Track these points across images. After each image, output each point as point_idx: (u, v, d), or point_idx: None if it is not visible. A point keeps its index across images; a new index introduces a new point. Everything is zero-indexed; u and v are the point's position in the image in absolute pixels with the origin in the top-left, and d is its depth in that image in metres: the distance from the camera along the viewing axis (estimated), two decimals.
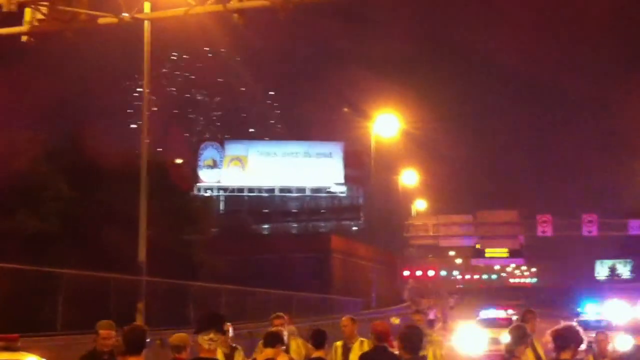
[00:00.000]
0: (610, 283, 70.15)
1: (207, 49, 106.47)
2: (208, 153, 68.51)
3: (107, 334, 7.11)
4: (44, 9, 13.04)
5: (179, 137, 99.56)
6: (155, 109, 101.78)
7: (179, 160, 47.42)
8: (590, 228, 60.01)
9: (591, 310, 38.56)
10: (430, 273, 65.34)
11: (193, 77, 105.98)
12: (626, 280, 72.29)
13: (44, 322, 17.24)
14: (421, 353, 8.60)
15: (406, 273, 65.19)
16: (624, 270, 77.74)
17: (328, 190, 70.79)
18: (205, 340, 5.01)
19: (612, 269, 79.06)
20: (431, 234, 63.78)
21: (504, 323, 25.68)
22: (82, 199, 21.22)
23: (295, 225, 71.91)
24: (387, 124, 45.81)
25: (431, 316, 35.87)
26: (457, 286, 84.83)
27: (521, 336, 6.72)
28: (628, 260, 75.93)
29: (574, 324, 6.00)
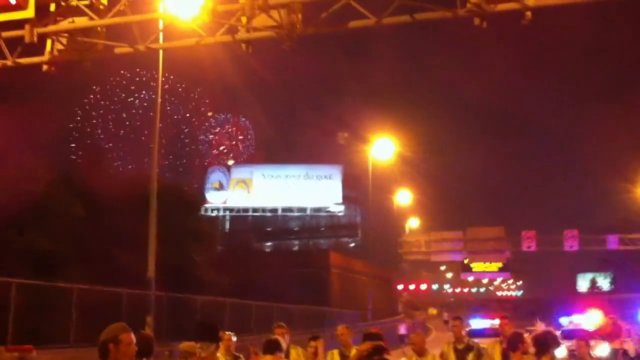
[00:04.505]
0: (592, 295, 69.74)
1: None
2: (215, 176, 68.97)
3: (130, 338, 5.17)
4: (63, 40, 13.05)
5: (191, 161, 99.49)
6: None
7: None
8: (571, 243, 59.70)
9: (572, 320, 38.25)
10: (423, 287, 64.93)
11: (207, 101, 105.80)
12: (606, 292, 71.87)
13: (58, 335, 17.04)
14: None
15: (400, 287, 64.81)
16: (604, 282, 77.28)
17: (327, 209, 70.73)
18: (195, 347, 4.99)
19: (593, 282, 78.59)
20: (423, 249, 63.44)
21: (492, 333, 25.29)
22: (94, 220, 21.02)
23: (297, 242, 71.69)
24: (383, 148, 45.79)
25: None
26: (449, 299, 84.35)
27: (516, 342, 6.55)
28: (608, 273, 75.65)
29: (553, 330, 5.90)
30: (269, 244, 69.38)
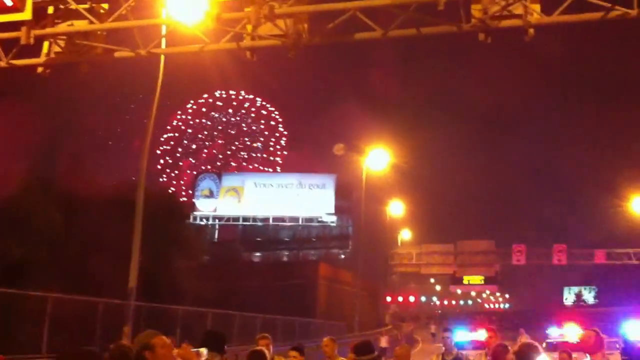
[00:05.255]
0: (577, 308, 69.58)
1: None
2: (205, 184, 67.72)
3: (163, 341, 4.27)
4: (61, 42, 12.71)
5: (182, 168, 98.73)
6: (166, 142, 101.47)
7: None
8: (560, 257, 59.69)
9: (556, 333, 38.28)
10: (411, 299, 64.34)
11: (205, 109, 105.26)
12: (590, 306, 71.78)
13: (29, 345, 16.36)
14: None
15: (388, 299, 64.21)
16: (589, 296, 77.28)
17: (319, 219, 69.93)
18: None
19: (578, 295, 78.57)
20: (414, 262, 63.04)
21: (479, 346, 24.64)
22: (72, 226, 20.34)
23: (286, 253, 70.93)
24: (377, 158, 45.26)
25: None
26: (436, 311, 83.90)
27: (500, 354, 6.51)
28: (592, 287, 75.70)
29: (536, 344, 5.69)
30: (257, 254, 68.59)
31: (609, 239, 57.86)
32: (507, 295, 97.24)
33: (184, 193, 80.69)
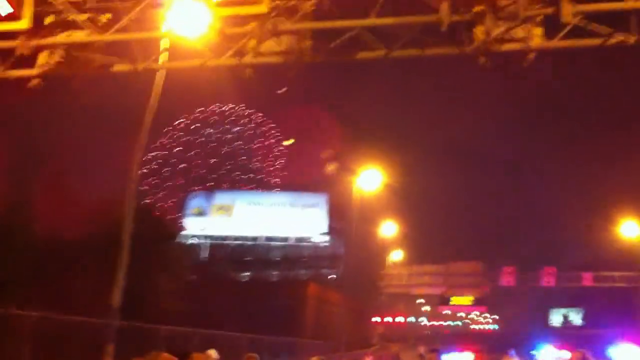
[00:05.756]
0: (565, 329, 69.40)
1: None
2: (195, 202, 67.30)
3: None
4: (57, 54, 12.27)
5: (171, 187, 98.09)
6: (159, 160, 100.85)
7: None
8: (549, 279, 59.75)
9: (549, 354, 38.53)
10: (400, 319, 63.97)
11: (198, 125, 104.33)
12: (577, 328, 71.68)
13: None
14: None
15: (376, 319, 63.82)
16: (576, 317, 77.18)
17: (311, 240, 69.61)
18: None
19: (565, 317, 78.44)
20: (404, 282, 62.85)
21: None
22: (55, 245, 20.11)
23: (276, 273, 70.36)
24: (370, 178, 45.15)
25: None
26: (425, 332, 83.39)
27: None
28: (580, 308, 75.68)
29: None
30: (247, 273, 67.94)
31: (596, 262, 57.88)
32: (495, 316, 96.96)
33: (172, 212, 80.00)
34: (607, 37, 10.92)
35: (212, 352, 7.82)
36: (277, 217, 67.83)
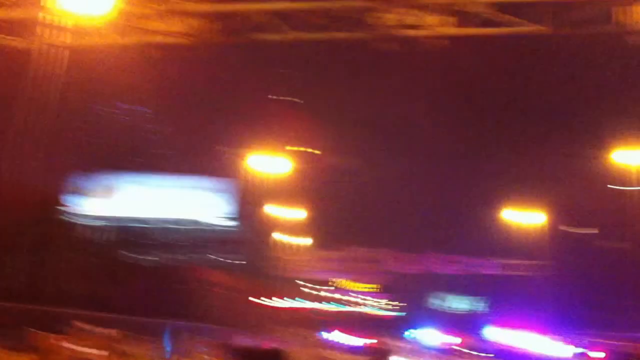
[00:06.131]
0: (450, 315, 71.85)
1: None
2: (79, 182, 63.77)
3: None
4: None
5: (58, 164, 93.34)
6: None
7: None
8: (436, 265, 61.97)
9: None
10: (293, 303, 64.75)
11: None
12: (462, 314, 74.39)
13: None
14: None
15: (270, 302, 64.50)
16: (462, 303, 79.78)
17: (210, 223, 68.55)
18: None
19: (453, 302, 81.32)
20: (305, 267, 63.48)
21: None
22: None
23: (171, 256, 68.55)
24: (277, 161, 45.06)
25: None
26: (317, 316, 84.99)
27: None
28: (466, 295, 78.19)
29: None
30: (140, 256, 65.79)
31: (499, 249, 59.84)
32: (391, 302, 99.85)
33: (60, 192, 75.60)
34: (520, 27, 11.33)
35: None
36: (179, 200, 66.17)
